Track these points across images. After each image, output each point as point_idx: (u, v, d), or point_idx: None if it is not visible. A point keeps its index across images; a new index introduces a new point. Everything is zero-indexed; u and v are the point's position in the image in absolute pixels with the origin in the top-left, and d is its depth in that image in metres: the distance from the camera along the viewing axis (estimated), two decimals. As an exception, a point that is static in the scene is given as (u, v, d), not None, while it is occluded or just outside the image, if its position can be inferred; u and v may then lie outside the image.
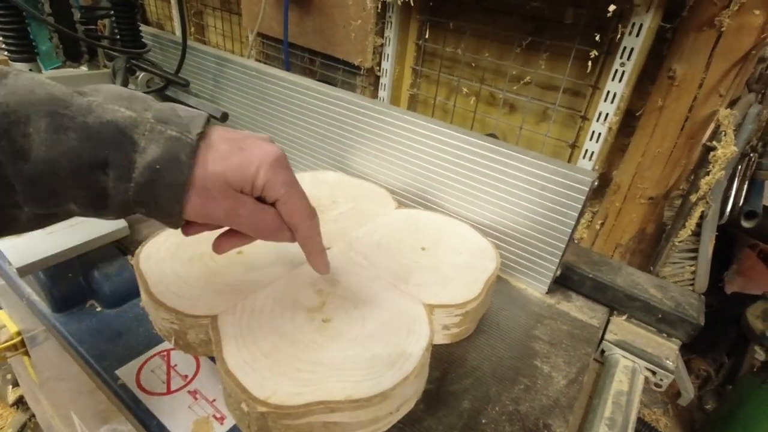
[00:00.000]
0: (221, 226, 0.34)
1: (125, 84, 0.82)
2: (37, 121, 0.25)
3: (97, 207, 0.28)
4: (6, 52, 0.76)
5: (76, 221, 0.52)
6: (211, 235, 0.47)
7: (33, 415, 1.22)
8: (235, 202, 0.30)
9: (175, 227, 0.31)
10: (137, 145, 0.27)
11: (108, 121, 0.26)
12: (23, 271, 0.45)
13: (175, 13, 1.59)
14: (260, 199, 0.32)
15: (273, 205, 0.32)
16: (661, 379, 0.51)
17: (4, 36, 0.74)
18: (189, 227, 0.32)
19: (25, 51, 0.77)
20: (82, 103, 0.26)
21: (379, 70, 1.06)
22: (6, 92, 0.25)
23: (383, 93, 1.08)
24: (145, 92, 0.86)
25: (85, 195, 0.27)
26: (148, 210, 0.29)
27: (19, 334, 0.64)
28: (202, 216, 0.30)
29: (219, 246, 0.35)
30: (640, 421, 0.96)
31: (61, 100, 0.26)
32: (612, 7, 0.65)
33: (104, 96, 0.27)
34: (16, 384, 1.28)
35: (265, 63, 0.99)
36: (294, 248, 0.49)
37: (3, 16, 0.71)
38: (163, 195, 0.27)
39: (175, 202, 0.28)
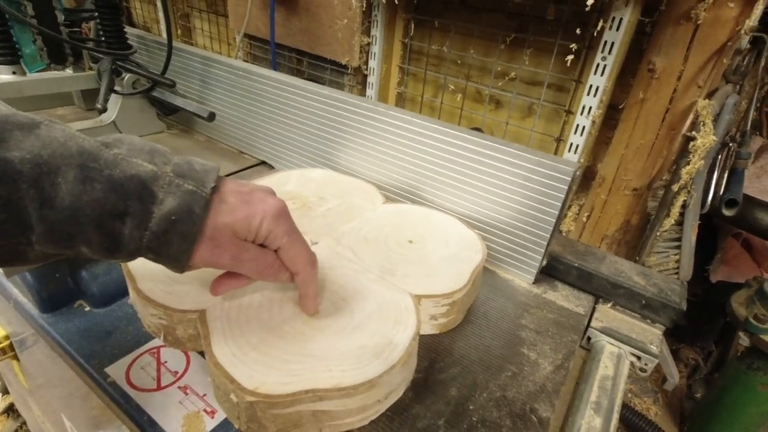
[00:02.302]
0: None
1: (111, 85, 0.82)
2: (67, 172, 0.27)
3: (109, 251, 0.29)
4: (-11, 56, 0.76)
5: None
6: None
7: (24, 423, 1.21)
8: (240, 250, 0.33)
9: (180, 272, 0.32)
10: (156, 198, 0.29)
11: (132, 175, 0.28)
12: (10, 271, 0.45)
13: (161, 15, 1.59)
14: (261, 245, 0.35)
15: (276, 251, 0.35)
16: (645, 364, 0.52)
17: (-14, 39, 0.73)
18: (188, 268, 0.34)
19: (9, 54, 0.76)
20: (108, 157, 0.28)
21: (367, 69, 1.07)
22: (40, 144, 0.27)
23: (371, 91, 1.09)
24: (131, 93, 0.86)
25: (100, 241, 0.29)
26: (156, 256, 0.30)
27: (7, 337, 0.63)
28: (208, 262, 0.32)
29: (217, 288, 0.37)
30: (629, 409, 0.97)
31: (91, 153, 0.28)
32: (590, 1, 0.66)
33: (128, 148, 0.30)
34: (6, 392, 1.27)
35: (252, 64, 0.99)
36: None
37: (-15, 19, 0.71)
38: (174, 243, 0.30)
39: (185, 251, 0.30)
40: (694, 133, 0.71)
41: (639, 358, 0.53)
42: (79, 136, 0.28)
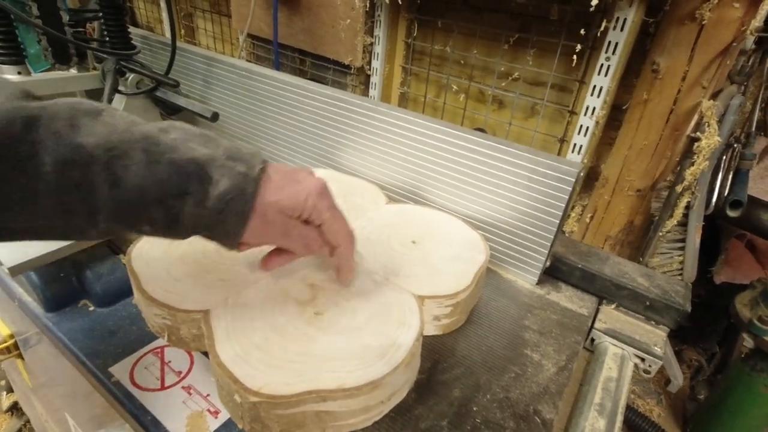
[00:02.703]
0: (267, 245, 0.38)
1: (115, 85, 0.82)
2: (134, 155, 0.29)
3: (169, 229, 0.32)
4: (-6, 56, 0.76)
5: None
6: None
7: (28, 421, 1.21)
8: (287, 226, 0.35)
9: (232, 248, 0.35)
10: (212, 179, 0.31)
11: (191, 158, 0.31)
12: (15, 270, 0.45)
13: (164, 15, 1.59)
14: (305, 222, 0.37)
15: (318, 227, 0.38)
16: (649, 366, 0.52)
17: (-9, 39, 0.73)
18: (240, 246, 0.36)
19: (14, 54, 0.76)
20: (167, 141, 0.31)
21: (369, 69, 1.07)
22: (108, 130, 0.29)
23: (374, 92, 1.09)
24: (135, 93, 0.86)
25: (162, 218, 0.31)
26: (211, 233, 0.33)
27: (11, 336, 0.64)
28: (259, 237, 0.35)
29: (266, 264, 0.40)
30: (631, 410, 0.97)
31: (153, 137, 0.31)
32: (595, 1, 0.66)
33: (182, 134, 0.32)
34: (10, 390, 1.27)
35: (255, 64, 0.99)
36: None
37: (-10, 20, 0.71)
38: (229, 221, 0.32)
39: (239, 227, 0.33)
40: (698, 134, 0.71)
41: (643, 359, 0.52)
42: (139, 121, 0.31)
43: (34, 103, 0.28)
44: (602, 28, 0.72)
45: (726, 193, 0.76)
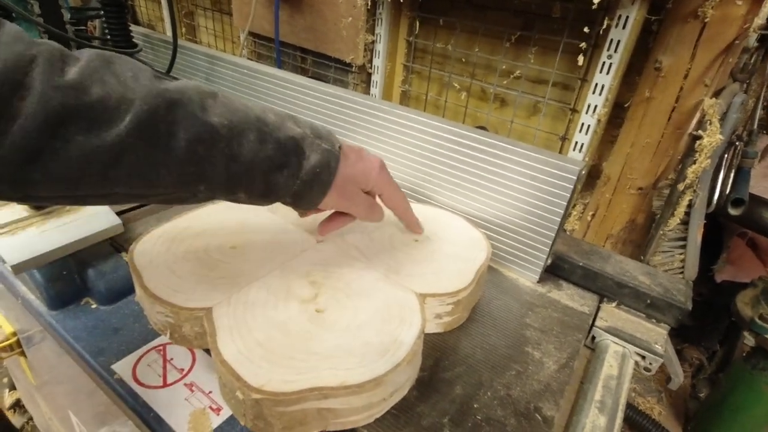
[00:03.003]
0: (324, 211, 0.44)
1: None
2: (249, 134, 0.34)
3: (263, 197, 0.37)
4: (-4, 54, 0.76)
5: (70, 219, 0.52)
6: (202, 230, 0.48)
7: (31, 418, 1.22)
8: (357, 195, 0.42)
9: (306, 212, 0.43)
10: (305, 154, 0.36)
11: (290, 137, 0.36)
12: (18, 268, 0.45)
13: (165, 14, 1.59)
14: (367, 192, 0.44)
15: (379, 196, 0.45)
16: (650, 363, 0.52)
17: (-7, 38, 0.74)
18: (305, 214, 0.44)
19: (15, 52, 0.76)
20: (271, 122, 0.35)
21: (371, 67, 1.07)
22: (228, 111, 0.33)
23: (375, 90, 1.08)
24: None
25: (262, 188, 0.36)
26: (295, 200, 0.38)
27: (14, 334, 0.64)
28: (333, 204, 0.41)
29: (324, 229, 0.46)
30: (632, 408, 0.97)
31: (263, 119, 0.35)
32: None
33: (276, 116, 0.37)
34: (12, 387, 1.28)
35: (257, 62, 0.99)
36: (288, 242, 0.50)
37: (-8, 18, 0.71)
38: (315, 190, 0.38)
39: (321, 195, 0.39)
40: (700, 131, 0.71)
41: (644, 357, 0.52)
42: (249, 104, 0.36)
43: (171, 86, 0.32)
44: (604, 26, 0.72)
45: (728, 192, 0.76)
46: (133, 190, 0.31)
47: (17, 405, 1.26)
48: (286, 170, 0.36)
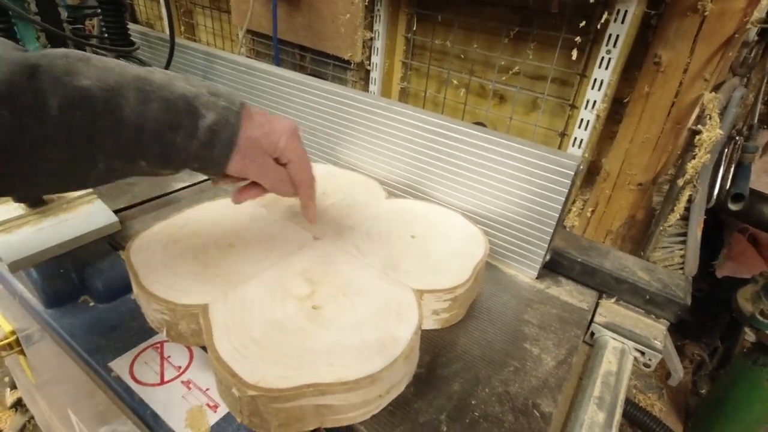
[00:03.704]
0: (241, 180, 0.42)
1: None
2: (128, 94, 0.32)
3: (164, 162, 0.35)
4: (-7, 53, 0.76)
5: (67, 217, 0.52)
6: (198, 228, 0.48)
7: (32, 417, 1.22)
8: (264, 162, 0.39)
9: (216, 176, 0.39)
10: (200, 112, 0.34)
11: (180, 95, 0.34)
12: (14, 266, 0.45)
13: (164, 11, 1.58)
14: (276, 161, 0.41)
15: (285, 166, 0.41)
16: (649, 359, 0.52)
17: (-10, 36, 0.73)
18: (218, 180, 0.41)
19: (12, 51, 0.76)
20: (156, 80, 0.33)
21: (369, 64, 1.06)
22: (101, 72, 0.31)
23: (374, 87, 1.08)
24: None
25: (159, 152, 0.34)
26: (200, 164, 0.36)
27: (13, 333, 0.64)
28: (239, 171, 0.38)
29: (239, 196, 0.43)
30: (632, 404, 0.97)
31: (144, 78, 0.33)
32: (595, -6, 0.66)
33: (165, 75, 0.35)
34: (13, 386, 1.28)
35: (255, 60, 0.99)
36: (285, 239, 0.50)
37: (-11, 17, 0.71)
38: (216, 149, 0.35)
39: (224, 155, 0.36)
40: (700, 126, 0.70)
41: (643, 353, 0.52)
42: (128, 64, 0.34)
43: (33, 54, 0.30)
44: (603, 21, 0.72)
45: (728, 187, 0.76)
46: (24, 169, 0.30)
47: (18, 404, 1.26)
48: (181, 131, 0.34)
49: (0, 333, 0.64)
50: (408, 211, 0.59)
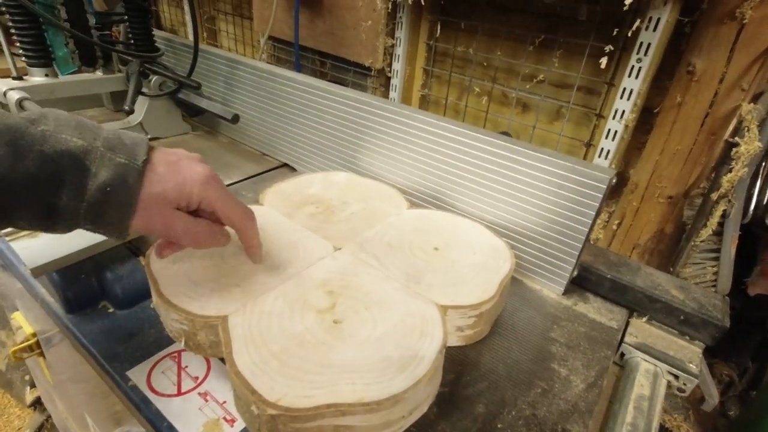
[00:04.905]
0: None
1: (139, 87, 0.83)
2: None
3: (46, 223, 0.31)
4: (23, 58, 0.77)
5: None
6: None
7: (49, 416, 1.24)
8: (172, 217, 0.35)
9: (120, 239, 0.35)
10: (89, 171, 0.31)
11: (63, 150, 0.30)
12: (37, 271, 0.45)
13: (188, 18, 1.61)
14: (195, 212, 0.37)
15: (212, 213, 0.37)
16: (684, 384, 0.49)
17: (21, 42, 0.75)
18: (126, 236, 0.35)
19: (42, 57, 0.78)
20: (35, 133, 0.30)
21: (390, 71, 1.06)
22: None
23: (394, 94, 1.07)
24: (158, 95, 0.87)
25: (36, 211, 0.30)
26: (95, 226, 0.33)
27: (34, 335, 0.65)
28: (144, 230, 0.34)
29: (161, 251, 0.40)
30: (662, 428, 0.93)
31: (17, 129, 0.29)
32: (628, 0, 0.64)
33: (54, 124, 0.31)
34: (33, 385, 1.30)
35: (276, 66, 0.99)
36: (305, 249, 0.49)
37: (21, 23, 0.73)
38: (111, 213, 0.32)
39: (123, 219, 0.32)
40: (737, 138, 0.67)
41: (677, 377, 0.50)
42: (5, 114, 0.30)
43: None
44: (634, 29, 0.69)
45: (765, 201, 0.72)
46: None
47: (37, 402, 1.28)
48: (65, 190, 0.30)
49: (22, 335, 0.64)
50: (430, 221, 0.58)
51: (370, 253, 0.50)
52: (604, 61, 0.75)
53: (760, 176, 0.72)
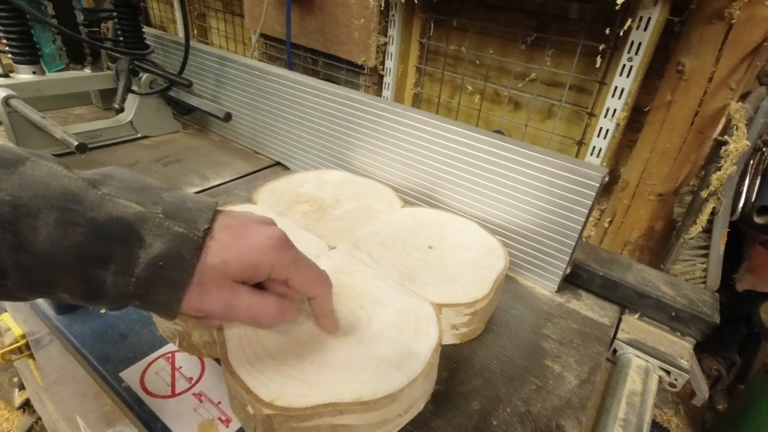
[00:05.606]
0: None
1: (129, 85, 0.82)
2: (47, 215, 0.25)
3: (91, 298, 0.27)
4: (10, 55, 0.76)
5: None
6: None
7: (39, 418, 1.22)
8: (233, 295, 0.30)
9: (171, 319, 0.31)
10: (143, 242, 0.27)
11: (117, 217, 0.26)
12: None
13: (178, 15, 1.59)
14: (259, 285, 0.32)
15: (285, 282, 0.32)
16: (675, 379, 0.50)
17: (8, 39, 0.74)
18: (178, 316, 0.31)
19: (29, 54, 0.77)
20: (93, 198, 0.26)
21: (383, 69, 1.06)
22: (20, 184, 0.25)
23: (387, 92, 1.07)
24: (148, 93, 0.86)
25: (81, 288, 0.27)
26: (143, 303, 0.28)
27: (23, 336, 0.64)
28: (197, 310, 0.29)
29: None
30: (652, 422, 0.94)
31: (75, 194, 0.26)
32: (620, 0, 0.64)
33: (117, 187, 0.28)
34: (22, 387, 1.28)
35: (268, 63, 0.99)
36: (299, 247, 0.49)
37: (6, 20, 0.71)
38: (161, 291, 0.27)
39: (173, 298, 0.28)
40: (725, 137, 0.68)
41: (668, 372, 0.50)
42: (65, 175, 0.26)
43: None
44: (625, 28, 0.70)
45: (753, 199, 0.74)
46: None
47: (26, 405, 1.26)
48: (113, 265, 0.26)
49: (11, 336, 0.63)
50: (424, 219, 0.58)
51: (363, 251, 0.50)
52: (598, 60, 0.76)
53: (748, 174, 0.74)
